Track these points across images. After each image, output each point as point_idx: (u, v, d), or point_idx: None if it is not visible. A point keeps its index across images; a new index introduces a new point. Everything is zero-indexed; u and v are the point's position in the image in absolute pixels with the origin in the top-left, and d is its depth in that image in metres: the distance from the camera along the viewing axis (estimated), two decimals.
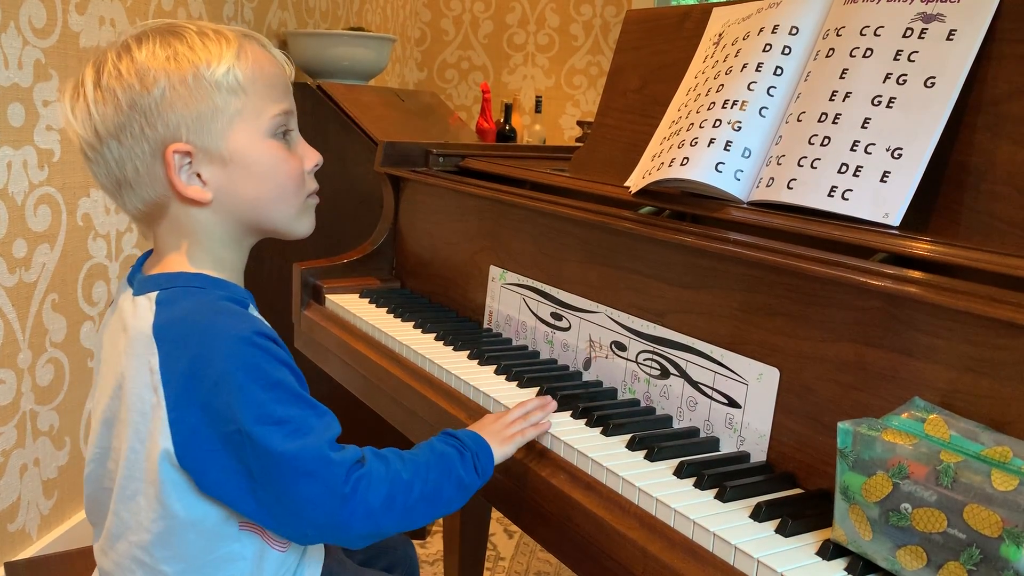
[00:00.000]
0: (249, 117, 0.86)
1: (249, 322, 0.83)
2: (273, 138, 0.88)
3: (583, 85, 4.12)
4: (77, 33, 1.77)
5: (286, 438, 0.78)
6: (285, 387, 0.81)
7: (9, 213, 1.61)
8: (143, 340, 0.83)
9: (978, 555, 0.65)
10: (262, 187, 0.88)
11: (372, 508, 0.82)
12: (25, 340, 1.68)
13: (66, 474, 1.84)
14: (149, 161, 0.84)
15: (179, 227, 0.88)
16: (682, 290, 1.04)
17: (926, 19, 0.95)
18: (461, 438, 0.94)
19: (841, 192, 0.93)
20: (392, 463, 0.85)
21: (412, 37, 4.28)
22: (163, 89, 0.83)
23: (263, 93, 0.87)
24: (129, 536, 0.85)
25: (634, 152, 1.24)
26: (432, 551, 2.15)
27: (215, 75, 0.84)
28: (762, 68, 1.06)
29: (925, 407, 0.75)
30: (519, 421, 0.99)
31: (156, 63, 0.83)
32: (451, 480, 0.89)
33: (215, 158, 0.86)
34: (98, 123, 0.84)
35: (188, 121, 0.84)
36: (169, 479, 0.81)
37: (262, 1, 2.65)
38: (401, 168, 1.63)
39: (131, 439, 0.83)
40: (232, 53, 0.86)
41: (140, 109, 0.83)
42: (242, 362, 0.79)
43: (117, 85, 0.83)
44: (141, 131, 0.83)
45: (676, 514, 0.82)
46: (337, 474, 0.80)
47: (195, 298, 0.85)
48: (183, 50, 0.84)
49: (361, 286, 1.63)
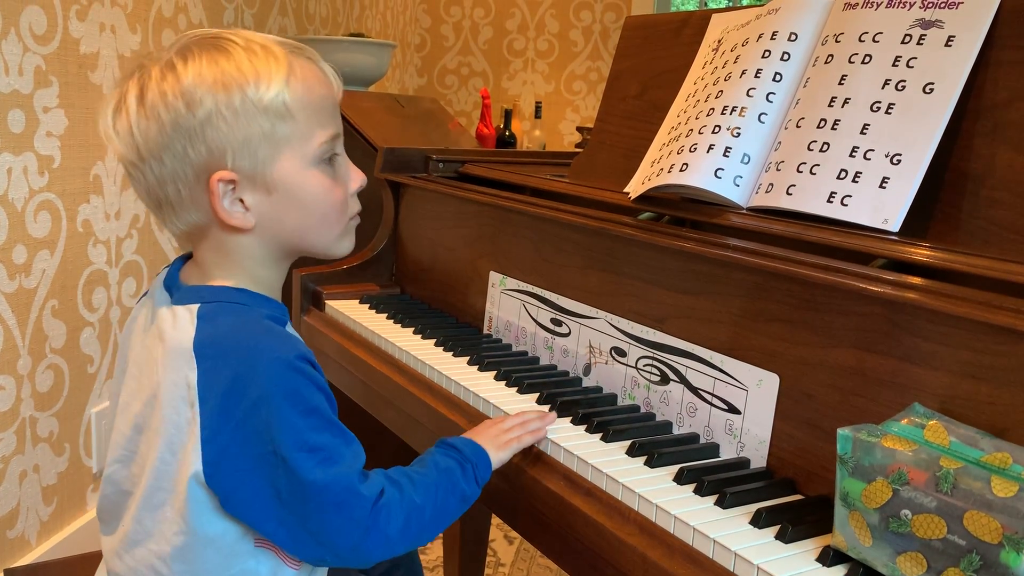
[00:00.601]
0: (296, 144, 0.83)
1: (291, 344, 0.82)
2: (319, 165, 0.86)
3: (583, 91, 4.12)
4: (77, 40, 1.77)
5: (318, 466, 0.78)
6: (321, 413, 0.80)
7: (9, 219, 1.61)
8: (182, 354, 0.81)
9: (978, 561, 0.65)
10: (306, 215, 0.86)
11: (390, 537, 0.83)
12: (25, 346, 1.68)
13: (65, 480, 1.84)
14: (192, 184, 0.82)
15: (220, 248, 0.86)
16: (682, 296, 1.04)
17: (925, 25, 0.95)
18: (461, 449, 0.94)
19: (840, 198, 0.93)
20: (405, 489, 0.85)
21: (412, 43, 4.28)
22: (209, 112, 0.80)
23: (311, 118, 0.84)
24: (149, 544, 0.85)
25: (633, 158, 1.24)
26: (432, 557, 2.15)
27: (263, 99, 0.81)
28: (761, 74, 1.06)
29: (925, 413, 0.75)
30: (516, 428, 0.99)
31: (202, 84, 0.80)
32: (455, 495, 0.90)
33: (259, 185, 0.83)
34: (140, 142, 0.81)
35: (234, 146, 0.81)
36: (194, 496, 0.81)
37: (262, 7, 2.66)
38: (401, 174, 1.64)
39: (162, 450, 0.82)
40: (282, 75, 0.82)
41: (184, 131, 0.80)
42: (283, 386, 0.78)
43: (161, 105, 0.80)
44: (184, 153, 0.81)
45: (676, 520, 0.82)
46: (363, 507, 0.80)
47: (238, 315, 0.83)
48: (230, 69, 0.81)
49: (361, 292, 1.63)
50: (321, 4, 3.16)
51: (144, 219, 2.06)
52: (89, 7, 1.80)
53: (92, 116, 1.84)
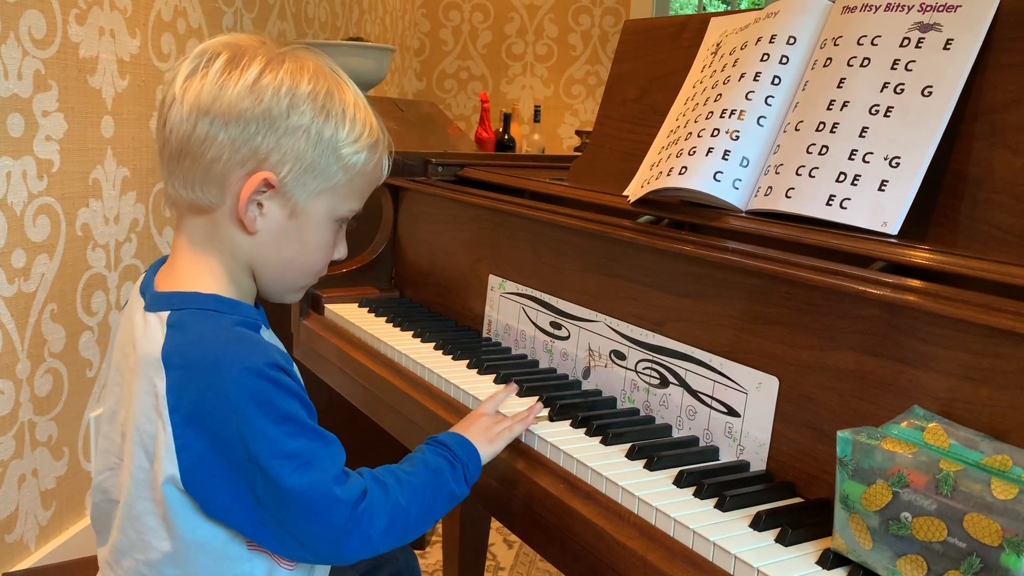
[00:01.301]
0: (338, 196, 0.89)
1: (261, 352, 0.82)
2: (333, 225, 0.91)
3: (582, 95, 4.13)
4: (77, 44, 1.77)
5: (295, 472, 0.79)
6: (295, 420, 0.81)
7: (8, 223, 1.61)
8: (151, 363, 0.82)
9: (978, 564, 0.65)
10: (299, 253, 0.89)
11: (372, 538, 0.83)
12: (24, 350, 1.68)
13: (64, 485, 1.83)
14: (236, 163, 0.83)
15: (213, 233, 0.86)
16: (681, 299, 1.04)
17: (923, 28, 0.95)
18: (451, 447, 0.94)
19: (839, 201, 0.93)
20: (391, 490, 0.86)
21: (411, 47, 4.29)
22: (300, 124, 0.84)
23: (359, 187, 0.91)
24: (135, 554, 0.85)
25: (632, 161, 1.24)
26: (431, 561, 2.15)
27: (345, 148, 0.86)
28: (760, 78, 1.07)
29: (924, 416, 0.75)
30: (501, 417, 1.01)
31: (313, 103, 0.84)
32: (443, 494, 0.91)
33: (288, 206, 0.86)
34: (226, 100, 0.82)
35: (299, 163, 0.85)
36: (175, 502, 0.81)
37: (262, 12, 2.66)
38: (400, 178, 1.64)
39: (139, 457, 0.83)
40: (370, 140, 0.89)
41: (269, 121, 0.83)
42: (253, 395, 0.79)
43: (271, 90, 0.83)
44: (254, 135, 0.83)
45: (676, 523, 0.82)
46: (342, 511, 0.81)
47: (208, 323, 0.83)
48: (338, 109, 0.86)
49: (360, 296, 1.63)
50: (320, 8, 3.16)
51: (143, 223, 2.06)
52: (88, 11, 1.80)
53: (91, 120, 1.84)
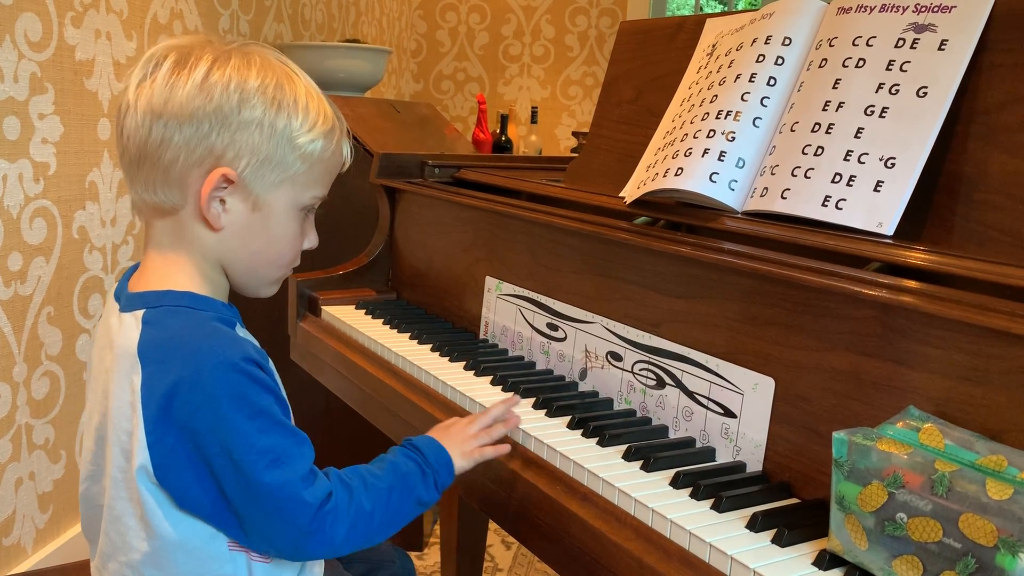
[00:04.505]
0: (298, 185, 0.89)
1: (237, 346, 0.82)
2: (299, 214, 0.91)
3: (578, 96, 4.13)
4: (73, 46, 1.77)
5: (267, 468, 0.80)
6: (268, 415, 0.81)
7: (4, 226, 1.61)
8: (127, 359, 0.83)
9: (974, 564, 0.65)
10: (267, 247, 0.90)
11: (334, 541, 0.84)
12: (20, 353, 1.68)
13: (62, 488, 1.83)
14: (193, 162, 0.84)
15: (180, 233, 0.87)
16: (677, 300, 1.05)
17: (918, 29, 0.95)
18: (424, 453, 0.94)
19: (835, 202, 0.94)
20: (356, 494, 0.86)
21: (408, 49, 4.29)
22: (253, 119, 0.85)
23: (319, 174, 0.91)
24: (119, 557, 0.85)
25: (629, 163, 1.24)
26: (429, 563, 2.15)
27: (300, 138, 0.87)
28: (755, 78, 1.07)
29: (920, 416, 0.75)
30: (483, 435, 0.98)
31: (263, 96, 0.85)
32: (411, 500, 0.90)
33: (250, 200, 0.87)
34: (176, 101, 0.83)
35: (255, 157, 0.85)
36: (151, 497, 0.82)
37: (258, 13, 2.66)
38: (397, 179, 1.64)
39: (117, 458, 0.83)
40: (324, 128, 0.89)
41: (222, 118, 0.84)
42: (228, 389, 0.79)
43: (220, 89, 0.84)
44: (207, 134, 0.84)
45: (672, 525, 0.82)
46: (306, 513, 0.81)
47: (183, 318, 0.84)
48: (289, 100, 0.87)
49: (357, 298, 1.63)
50: (317, 10, 3.16)
51: (140, 225, 2.05)
52: (84, 14, 1.80)
53: (88, 123, 1.84)
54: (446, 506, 1.75)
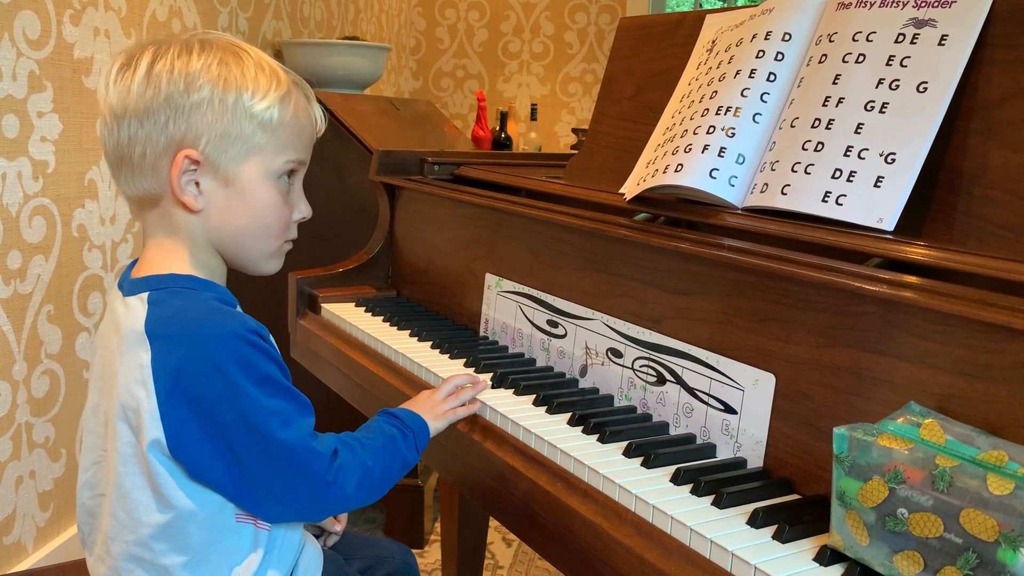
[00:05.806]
0: (267, 154, 0.91)
1: (241, 319, 0.86)
2: (277, 181, 0.93)
3: (578, 93, 4.12)
4: (71, 44, 1.77)
5: (279, 428, 0.84)
6: (274, 380, 0.85)
7: (4, 224, 1.61)
8: (135, 337, 0.85)
9: (975, 559, 0.65)
10: (250, 220, 0.92)
11: (347, 494, 0.89)
12: (20, 352, 1.68)
13: (62, 486, 1.83)
14: (159, 152, 0.88)
15: (168, 221, 0.91)
16: (677, 296, 1.04)
17: (918, 24, 0.95)
18: (403, 419, 1.01)
19: (835, 197, 0.93)
20: (357, 451, 0.92)
21: (407, 46, 4.28)
22: (203, 99, 0.87)
23: (288, 139, 0.92)
24: (125, 536, 0.87)
25: (629, 159, 1.24)
26: (430, 560, 2.15)
27: (255, 106, 0.89)
28: (755, 74, 1.06)
29: (921, 412, 0.75)
30: (451, 398, 1.08)
31: (207, 75, 0.88)
32: (398, 460, 0.97)
33: (220, 176, 0.90)
34: (132, 100, 0.87)
35: (211, 134, 0.88)
36: (164, 469, 0.84)
37: (257, 11, 2.66)
38: (396, 177, 1.64)
39: (124, 433, 0.86)
40: (278, 94, 0.90)
41: (174, 106, 0.87)
42: (235, 358, 0.83)
43: (165, 78, 0.87)
44: (165, 124, 0.87)
45: (673, 521, 0.82)
46: (322, 464, 0.87)
47: (186, 297, 0.88)
48: (236, 73, 0.89)
49: (357, 295, 1.63)
50: (315, 7, 3.16)
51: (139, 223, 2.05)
52: (83, 12, 1.80)
53: (87, 120, 1.83)
54: (447, 504, 1.75)
